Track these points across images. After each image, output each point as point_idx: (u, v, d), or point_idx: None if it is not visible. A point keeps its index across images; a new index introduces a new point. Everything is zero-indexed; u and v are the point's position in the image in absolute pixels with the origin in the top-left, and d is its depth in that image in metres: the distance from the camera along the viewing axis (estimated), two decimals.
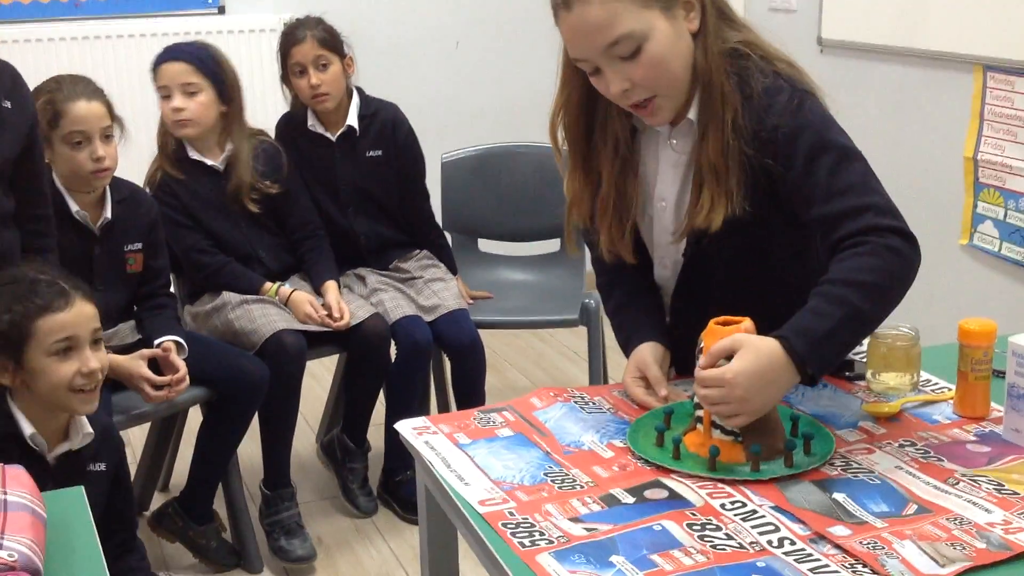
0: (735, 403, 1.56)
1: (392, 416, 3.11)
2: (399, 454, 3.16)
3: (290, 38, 3.21)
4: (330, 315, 3.02)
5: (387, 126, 3.33)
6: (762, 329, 1.63)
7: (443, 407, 3.41)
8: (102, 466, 2.19)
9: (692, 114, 1.76)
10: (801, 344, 1.57)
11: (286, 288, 3.07)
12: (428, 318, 3.17)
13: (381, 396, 3.22)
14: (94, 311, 2.15)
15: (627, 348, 1.92)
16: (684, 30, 1.71)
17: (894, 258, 1.63)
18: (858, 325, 1.64)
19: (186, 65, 2.99)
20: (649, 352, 1.86)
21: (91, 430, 2.15)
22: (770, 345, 1.58)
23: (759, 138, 1.71)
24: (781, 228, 1.80)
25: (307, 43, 3.17)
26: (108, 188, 2.73)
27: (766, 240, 1.80)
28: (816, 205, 1.69)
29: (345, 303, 3.06)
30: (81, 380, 2.09)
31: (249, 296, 3.04)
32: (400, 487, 3.20)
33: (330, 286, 3.10)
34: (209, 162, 3.06)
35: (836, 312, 1.59)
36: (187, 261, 3.09)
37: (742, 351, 1.56)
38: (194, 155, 3.06)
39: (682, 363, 1.91)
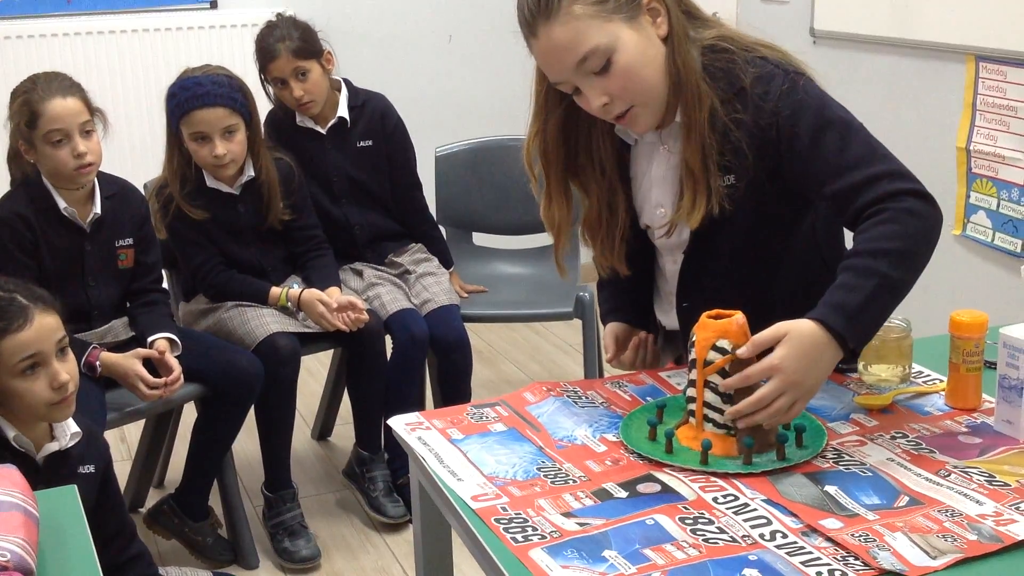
0: (790, 389, 1.57)
1: (390, 412, 3.10)
2: (402, 453, 3.14)
3: (265, 55, 3.16)
4: (349, 309, 2.98)
5: (376, 116, 3.33)
6: (765, 313, 1.65)
7: (439, 402, 3.40)
8: (90, 468, 2.13)
9: (679, 116, 1.78)
10: (839, 321, 1.59)
11: (295, 290, 3.02)
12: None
13: None
14: (56, 321, 2.05)
15: (605, 321, 2.08)
16: (653, 36, 1.72)
17: (914, 220, 1.66)
18: (890, 293, 1.65)
19: (224, 109, 2.89)
20: (611, 331, 2.03)
21: (78, 429, 2.10)
22: (809, 327, 1.59)
23: (760, 126, 1.74)
24: (779, 210, 1.82)
25: (282, 58, 3.13)
26: (97, 184, 2.72)
27: (765, 223, 1.83)
28: (828, 183, 1.72)
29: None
30: (53, 394, 2.02)
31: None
32: (405, 489, 3.15)
33: (333, 291, 3.06)
34: (226, 189, 3.02)
35: (867, 284, 1.62)
36: (197, 277, 3.05)
37: (784, 340, 1.57)
38: (212, 184, 3.00)
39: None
